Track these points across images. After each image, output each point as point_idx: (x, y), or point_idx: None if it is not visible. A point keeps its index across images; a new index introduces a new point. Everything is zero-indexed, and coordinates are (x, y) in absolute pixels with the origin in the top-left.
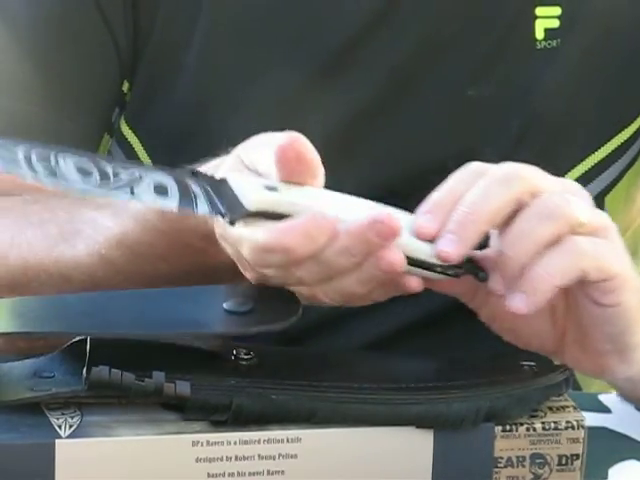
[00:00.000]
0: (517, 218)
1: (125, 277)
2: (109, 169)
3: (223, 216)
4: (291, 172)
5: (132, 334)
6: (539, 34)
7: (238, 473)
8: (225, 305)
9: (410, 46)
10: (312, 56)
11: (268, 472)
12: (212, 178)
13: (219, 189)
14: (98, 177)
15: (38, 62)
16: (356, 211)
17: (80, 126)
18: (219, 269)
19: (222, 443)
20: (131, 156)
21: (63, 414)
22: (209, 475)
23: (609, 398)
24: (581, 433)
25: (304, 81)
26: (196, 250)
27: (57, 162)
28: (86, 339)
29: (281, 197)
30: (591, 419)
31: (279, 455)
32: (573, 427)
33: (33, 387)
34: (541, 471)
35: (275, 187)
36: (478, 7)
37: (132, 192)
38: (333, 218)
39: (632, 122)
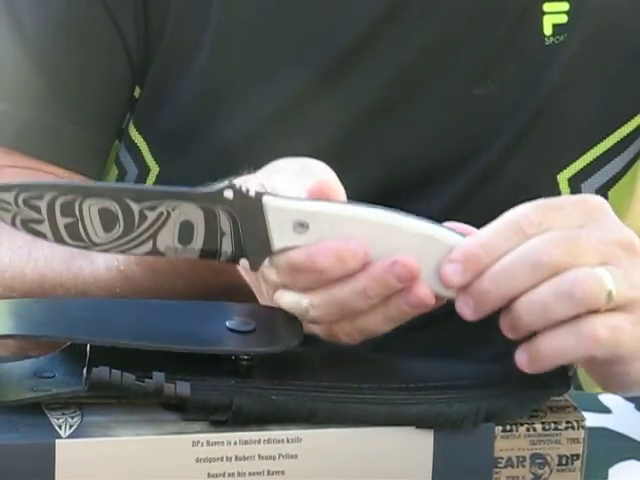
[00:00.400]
0: (539, 287)
1: (143, 293)
2: (135, 209)
3: (247, 257)
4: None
5: (132, 344)
6: (547, 30)
7: (238, 473)
8: (228, 323)
9: (417, 46)
10: (321, 56)
11: (268, 472)
12: (248, 200)
13: (251, 217)
14: (122, 226)
15: (46, 68)
16: (389, 249)
17: (94, 133)
18: (237, 289)
19: (222, 443)
20: (138, 160)
21: (63, 414)
22: (209, 475)
23: (609, 398)
24: (581, 433)
25: (313, 81)
26: (214, 269)
27: (81, 210)
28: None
29: (306, 241)
30: (591, 419)
31: (279, 455)
32: (573, 427)
33: (33, 387)
34: (541, 471)
35: (307, 223)
36: (486, 5)
37: (154, 244)
38: (364, 245)
39: (635, 115)
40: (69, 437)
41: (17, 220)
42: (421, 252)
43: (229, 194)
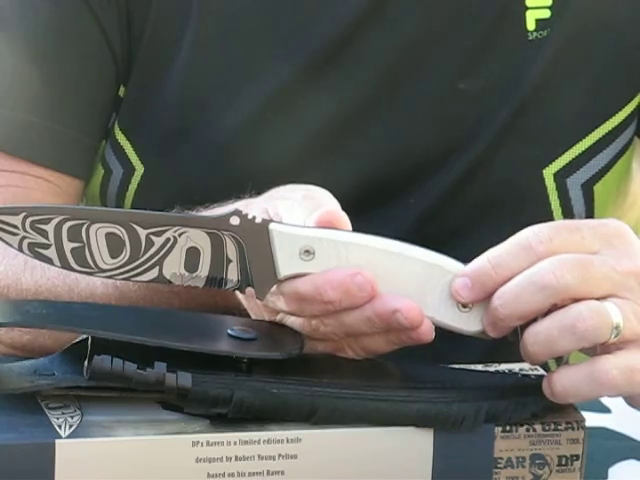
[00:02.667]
0: (545, 319)
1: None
2: (142, 235)
3: (252, 285)
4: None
5: (134, 338)
6: (530, 25)
7: (238, 473)
8: (229, 331)
9: (402, 41)
10: (305, 52)
11: (268, 472)
12: (255, 226)
13: (257, 243)
14: (128, 252)
15: (36, 71)
16: (394, 277)
17: (81, 134)
18: (232, 312)
19: (222, 443)
20: (124, 160)
21: (63, 414)
22: (209, 475)
23: (609, 398)
24: (581, 434)
25: (297, 77)
26: (210, 291)
27: (88, 235)
28: (87, 340)
29: (312, 269)
30: (591, 419)
31: (279, 455)
32: (573, 428)
33: (33, 382)
34: (541, 472)
35: (314, 250)
36: (469, 0)
37: (160, 271)
38: (371, 279)
39: (619, 110)
40: (69, 437)
41: (24, 244)
42: (425, 279)
43: (235, 220)
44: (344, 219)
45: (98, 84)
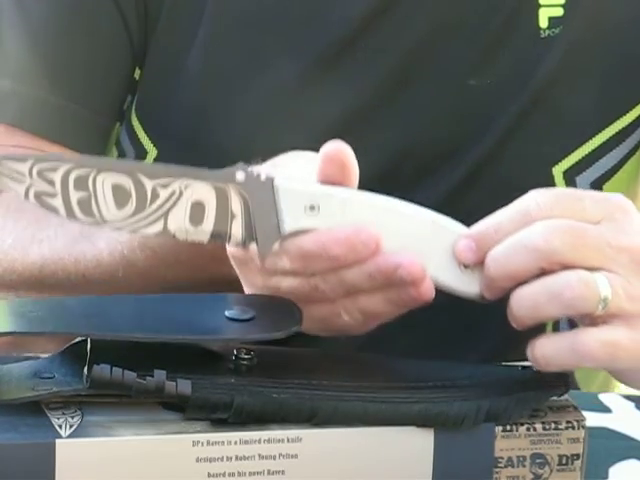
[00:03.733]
0: (532, 283)
1: (145, 281)
2: (148, 186)
3: (256, 242)
4: (332, 177)
5: (133, 336)
6: (543, 23)
7: (238, 473)
8: (227, 313)
9: (413, 35)
10: (316, 46)
11: (268, 472)
12: (259, 182)
13: (262, 199)
14: (134, 203)
15: (52, 50)
16: (397, 235)
17: (96, 114)
18: (238, 279)
19: (222, 443)
20: (138, 147)
21: (63, 414)
22: (209, 475)
23: (609, 398)
24: (581, 433)
25: (308, 71)
26: (216, 258)
27: (95, 185)
28: (86, 340)
29: (318, 224)
30: (591, 419)
31: (279, 455)
32: (573, 427)
33: (33, 387)
34: (541, 471)
35: (318, 206)
36: None
37: (165, 223)
38: (376, 235)
39: (630, 109)
40: (69, 437)
41: (30, 192)
42: (429, 239)
43: (241, 176)
44: (352, 156)
45: (114, 65)
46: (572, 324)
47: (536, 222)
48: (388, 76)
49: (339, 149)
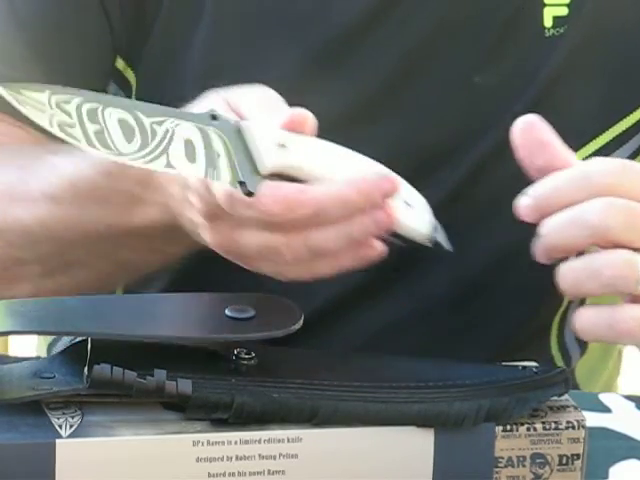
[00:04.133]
0: (577, 259)
1: (71, 224)
2: (147, 123)
3: (241, 185)
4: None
5: (133, 336)
6: (547, 22)
7: (239, 473)
8: (227, 311)
9: (418, 31)
10: (320, 39)
11: (269, 472)
12: (229, 126)
13: (236, 142)
14: (139, 138)
15: (31, 32)
16: (359, 168)
17: None
18: (156, 230)
19: (223, 443)
20: None
21: (64, 414)
22: (210, 475)
23: (609, 398)
24: (582, 433)
25: (312, 63)
26: (134, 199)
27: (104, 118)
28: (87, 340)
29: (291, 159)
30: (591, 419)
31: (280, 455)
32: (574, 427)
33: (34, 387)
34: (542, 471)
35: (284, 144)
36: None
37: (168, 159)
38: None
39: (634, 110)
40: (69, 437)
41: (54, 122)
42: None
43: (215, 119)
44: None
45: (90, 49)
46: (579, 340)
47: (593, 195)
48: (392, 70)
49: (303, 116)
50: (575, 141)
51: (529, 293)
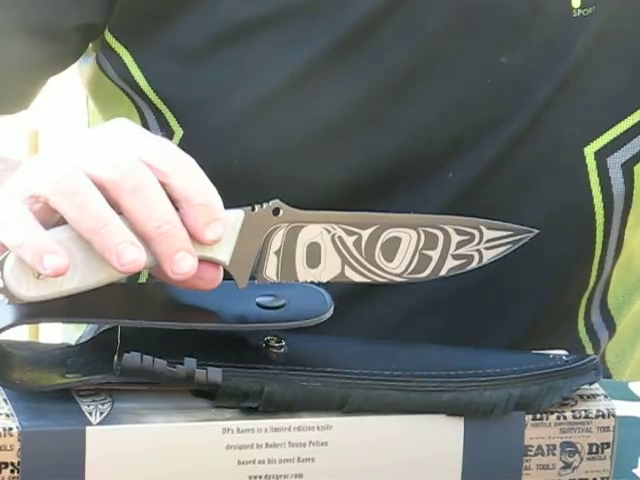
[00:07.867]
0: None
1: None
2: None
3: None
4: None
5: (163, 324)
6: (575, 2)
7: (268, 460)
8: (258, 300)
9: (444, 12)
10: (344, 23)
11: (298, 459)
12: None
13: None
14: None
15: None
16: None
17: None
18: None
19: (252, 430)
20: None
21: (94, 401)
22: (239, 462)
23: (639, 387)
24: (612, 421)
25: (322, 59)
26: None
27: None
28: (116, 328)
29: None
30: (621, 408)
31: (309, 442)
32: (604, 415)
33: (64, 374)
34: (571, 459)
35: None
36: None
37: None
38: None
39: None
40: (99, 424)
41: None
42: None
43: None
44: None
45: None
46: (607, 322)
47: None
48: (419, 52)
49: None
50: (604, 120)
51: (554, 275)
